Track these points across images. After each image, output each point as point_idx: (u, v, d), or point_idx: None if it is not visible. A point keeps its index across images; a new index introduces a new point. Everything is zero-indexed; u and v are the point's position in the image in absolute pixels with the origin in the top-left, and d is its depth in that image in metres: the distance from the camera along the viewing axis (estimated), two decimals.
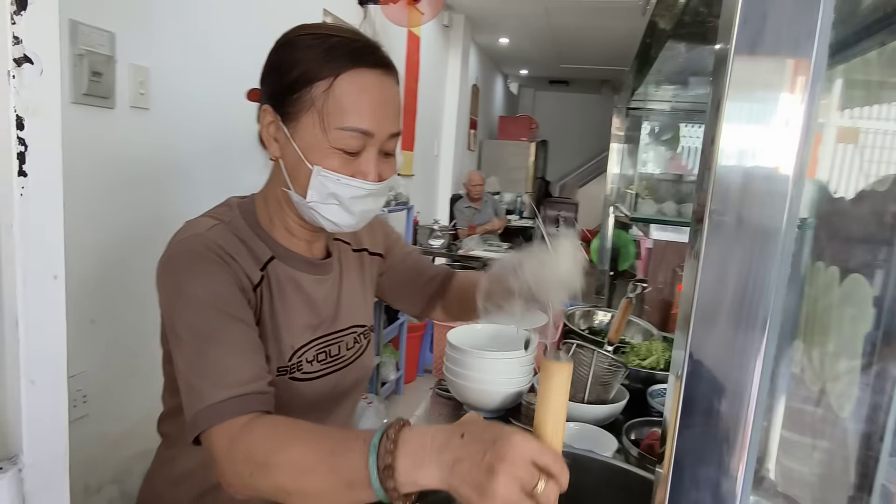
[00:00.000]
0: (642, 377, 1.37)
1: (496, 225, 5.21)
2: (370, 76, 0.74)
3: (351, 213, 0.77)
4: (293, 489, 0.58)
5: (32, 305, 0.36)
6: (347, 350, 0.91)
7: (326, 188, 0.74)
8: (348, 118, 0.72)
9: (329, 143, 0.72)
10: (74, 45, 1.57)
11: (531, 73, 8.72)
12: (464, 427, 0.55)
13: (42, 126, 0.35)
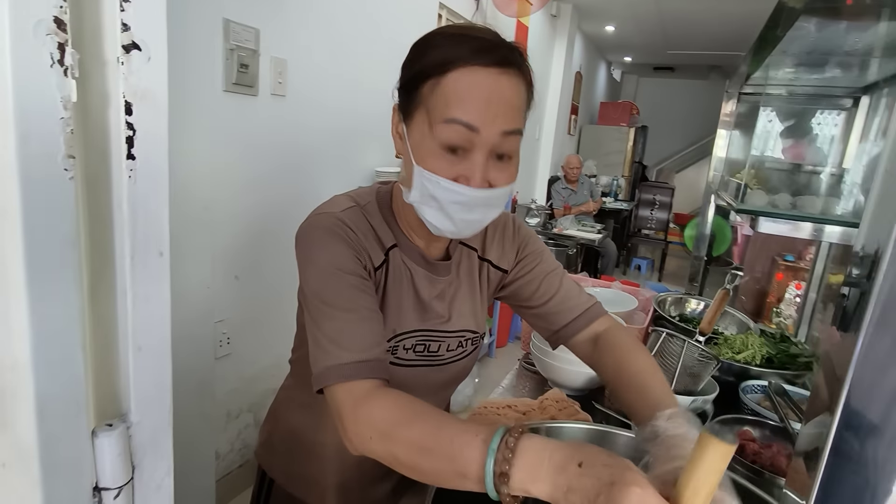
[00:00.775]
0: (735, 371, 1.21)
1: (591, 207, 4.95)
2: (484, 74, 0.62)
3: (451, 220, 0.67)
4: (408, 464, 0.57)
5: (139, 279, 0.35)
6: (448, 351, 0.82)
7: (427, 190, 0.65)
8: (452, 110, 0.62)
9: (434, 139, 0.63)
10: (227, 41, 1.65)
11: (635, 60, 8.08)
12: (583, 454, 0.49)
13: (149, 111, 0.33)
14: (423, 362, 0.81)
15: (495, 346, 3.63)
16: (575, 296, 0.84)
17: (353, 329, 0.65)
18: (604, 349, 0.79)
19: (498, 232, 0.85)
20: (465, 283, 0.83)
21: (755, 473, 0.85)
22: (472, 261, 0.84)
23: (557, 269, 0.87)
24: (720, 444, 0.43)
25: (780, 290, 3.69)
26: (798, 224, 0.86)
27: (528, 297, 0.85)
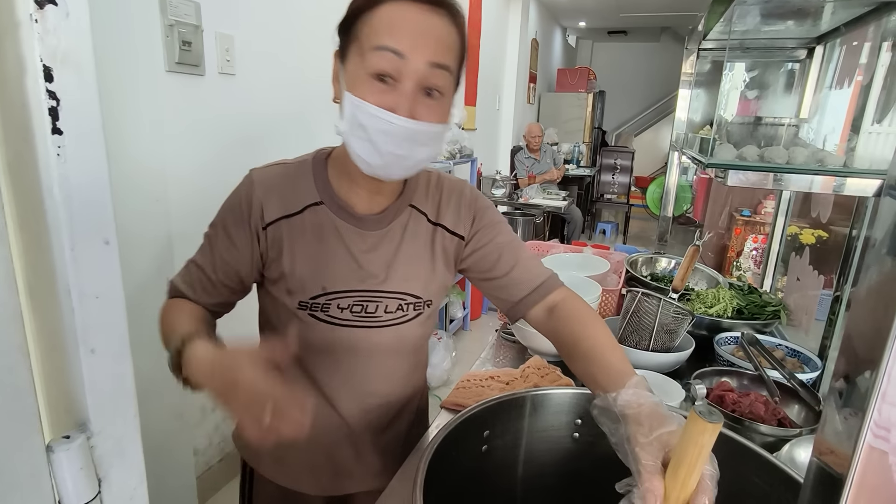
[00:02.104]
0: (708, 325, 1.24)
1: (554, 174, 4.98)
2: (415, 8, 0.64)
3: (378, 152, 0.66)
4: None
5: (84, 273, 0.31)
6: (387, 313, 0.80)
7: (356, 118, 0.65)
8: (381, 38, 0.63)
9: (364, 68, 0.64)
10: (164, 16, 1.53)
11: (589, 25, 8.07)
12: (216, 364, 0.61)
13: (73, 77, 0.28)
14: (361, 323, 0.79)
15: (469, 318, 3.65)
16: (533, 267, 0.84)
17: (197, 269, 0.79)
18: (560, 319, 0.79)
19: (454, 197, 0.84)
20: (409, 245, 0.81)
21: (735, 421, 0.87)
22: (420, 224, 0.82)
23: (515, 241, 0.86)
24: (708, 424, 0.47)
25: (739, 244, 3.83)
26: (766, 175, 0.86)
27: (489, 268, 0.84)
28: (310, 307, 0.78)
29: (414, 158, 0.68)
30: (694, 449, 0.50)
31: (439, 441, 0.68)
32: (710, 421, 0.48)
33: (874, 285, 0.31)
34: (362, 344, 0.81)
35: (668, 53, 8.32)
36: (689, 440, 0.50)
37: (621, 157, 6.48)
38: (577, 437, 0.83)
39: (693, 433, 0.49)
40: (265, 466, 0.90)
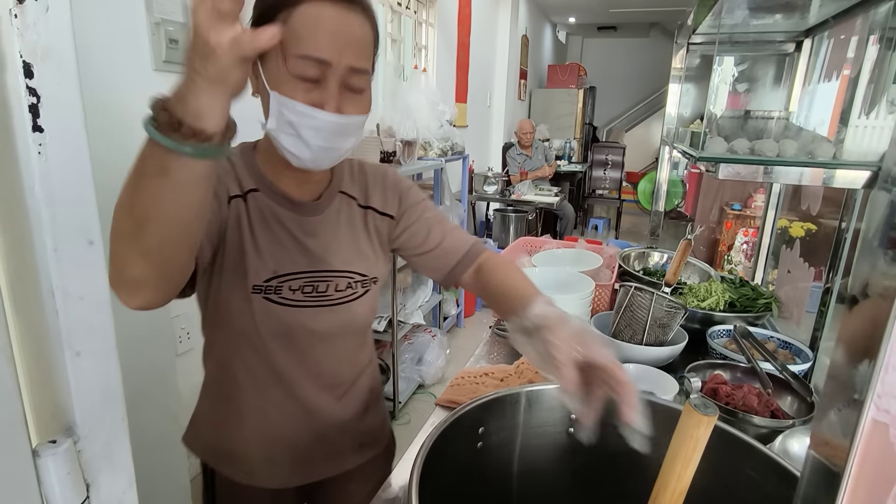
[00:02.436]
0: (701, 318, 1.24)
1: (546, 171, 4.99)
2: (329, 9, 0.66)
3: (307, 146, 0.69)
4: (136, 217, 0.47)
5: (68, 274, 0.30)
6: (337, 291, 0.84)
7: (284, 116, 0.67)
8: (304, 46, 0.65)
9: (287, 70, 0.66)
10: (150, 14, 1.51)
11: (579, 21, 8.07)
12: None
13: (54, 72, 0.28)
14: (314, 303, 0.82)
15: (463, 315, 3.65)
16: (459, 236, 0.91)
17: None
18: (487, 273, 0.88)
19: (378, 180, 0.89)
20: (346, 229, 0.85)
21: (729, 414, 0.88)
22: (352, 208, 0.86)
23: (440, 214, 0.93)
24: (703, 417, 0.48)
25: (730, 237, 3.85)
26: (757, 168, 0.86)
27: (420, 243, 0.90)
28: (263, 290, 0.78)
29: (341, 150, 0.72)
30: (690, 442, 0.50)
31: (434, 438, 0.68)
32: (704, 414, 0.48)
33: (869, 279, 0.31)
34: (317, 324, 0.82)
35: (658, 49, 8.35)
36: (685, 433, 0.50)
37: (612, 153, 6.50)
38: (572, 433, 0.83)
39: (688, 426, 0.50)
40: (224, 465, 0.89)
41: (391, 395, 2.49)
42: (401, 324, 2.59)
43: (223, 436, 0.88)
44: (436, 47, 3.81)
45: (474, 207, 4.68)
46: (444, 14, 3.82)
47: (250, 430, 0.86)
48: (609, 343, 0.59)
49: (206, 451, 0.91)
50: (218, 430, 0.88)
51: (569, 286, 1.23)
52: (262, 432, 0.86)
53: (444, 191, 3.08)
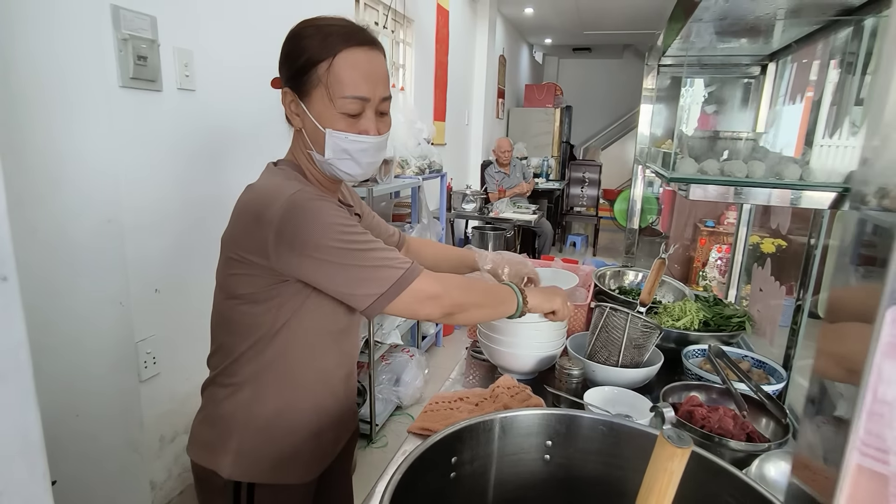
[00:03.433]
0: (676, 338, 1.24)
1: (524, 188, 5.02)
2: (360, 53, 0.84)
3: (360, 165, 0.88)
4: (479, 303, 0.93)
5: None
6: None
7: (339, 146, 0.86)
8: (347, 88, 0.83)
9: (336, 110, 0.84)
10: (117, 30, 1.48)
11: (555, 42, 8.25)
12: (549, 289, 1.06)
13: None
14: None
15: (442, 335, 3.61)
16: (390, 228, 1.18)
17: (389, 250, 0.85)
18: (417, 249, 1.22)
19: (347, 188, 1.08)
20: None
21: (704, 438, 0.86)
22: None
23: (378, 217, 1.17)
24: (677, 449, 0.47)
25: (705, 254, 3.92)
26: (727, 189, 0.87)
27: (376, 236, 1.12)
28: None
29: (379, 161, 0.92)
30: (664, 476, 0.48)
31: (404, 470, 0.65)
32: (679, 446, 0.47)
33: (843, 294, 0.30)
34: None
35: (631, 69, 8.57)
36: (658, 466, 0.48)
37: (589, 171, 6.60)
38: (548, 459, 0.81)
39: (662, 459, 0.48)
40: (265, 473, 0.92)
41: (367, 418, 2.43)
42: (378, 344, 2.54)
43: (280, 445, 0.92)
44: (414, 66, 3.83)
45: (453, 225, 4.68)
46: (421, 34, 3.86)
47: (307, 425, 0.94)
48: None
49: (255, 467, 0.91)
50: (276, 442, 0.92)
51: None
52: (315, 425, 0.95)
53: (422, 209, 3.07)
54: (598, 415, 0.82)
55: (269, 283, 0.84)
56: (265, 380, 0.90)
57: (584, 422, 0.80)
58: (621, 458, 0.78)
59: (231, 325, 0.90)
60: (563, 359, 1.11)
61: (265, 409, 0.91)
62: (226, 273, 0.88)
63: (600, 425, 0.80)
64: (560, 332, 1.15)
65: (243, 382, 0.91)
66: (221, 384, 0.92)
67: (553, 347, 1.14)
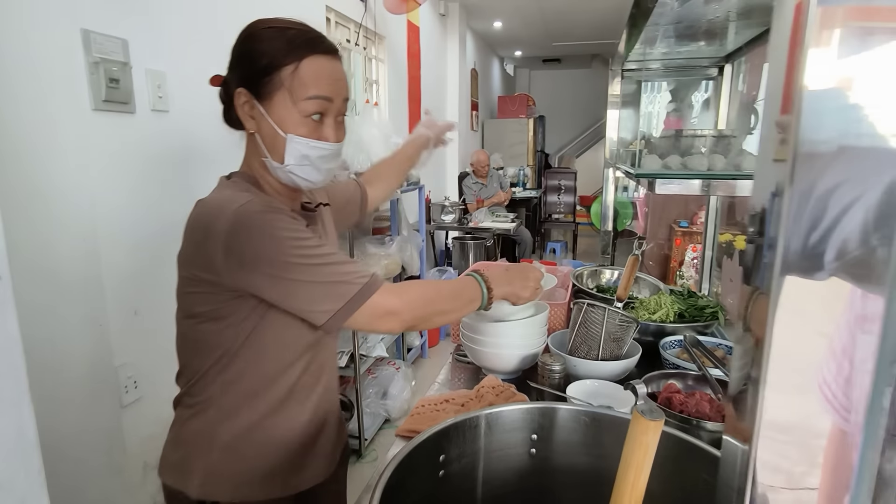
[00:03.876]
0: (653, 331, 1.28)
1: (502, 197, 5.09)
2: (324, 59, 0.83)
3: (319, 171, 0.86)
4: (445, 310, 0.90)
5: None
6: None
7: (300, 151, 0.83)
8: (312, 89, 0.81)
9: (299, 112, 0.81)
10: (89, 54, 1.48)
11: (525, 54, 8.42)
12: (505, 265, 1.04)
13: None
14: None
15: (427, 346, 3.62)
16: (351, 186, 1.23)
17: (346, 264, 0.82)
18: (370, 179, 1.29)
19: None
20: (327, 226, 1.03)
21: (683, 422, 0.89)
22: (326, 211, 1.05)
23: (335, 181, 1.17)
24: (650, 422, 0.50)
25: (681, 254, 4.01)
26: (689, 182, 0.91)
27: (343, 208, 1.16)
28: None
29: (335, 168, 0.90)
30: (640, 449, 0.50)
31: (392, 470, 0.66)
32: (651, 419, 0.49)
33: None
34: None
35: (600, 78, 8.77)
36: (634, 440, 0.51)
37: (565, 178, 6.71)
38: (534, 453, 0.83)
39: (637, 433, 0.50)
40: (235, 492, 0.89)
41: (356, 433, 2.42)
42: (363, 357, 2.53)
43: (251, 461, 0.89)
44: (387, 82, 3.87)
45: (433, 237, 4.70)
46: (393, 50, 3.91)
47: (280, 442, 0.91)
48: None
49: (223, 486, 0.88)
50: (247, 461, 0.89)
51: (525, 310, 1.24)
52: (290, 441, 0.92)
53: (402, 221, 3.09)
54: (579, 406, 0.85)
55: (225, 299, 0.82)
56: (230, 398, 0.88)
57: (567, 414, 0.82)
58: (605, 447, 0.80)
59: (192, 343, 0.88)
60: (544, 355, 1.13)
61: (232, 427, 0.88)
62: (182, 292, 0.87)
63: (583, 416, 0.82)
64: (541, 330, 1.18)
65: (207, 401, 0.88)
66: (187, 404, 0.91)
67: (535, 345, 1.16)
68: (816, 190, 0.26)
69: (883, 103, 0.24)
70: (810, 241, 0.27)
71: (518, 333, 1.14)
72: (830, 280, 0.28)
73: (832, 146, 0.25)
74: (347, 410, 2.30)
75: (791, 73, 0.26)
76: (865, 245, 0.27)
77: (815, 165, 0.25)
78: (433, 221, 4.52)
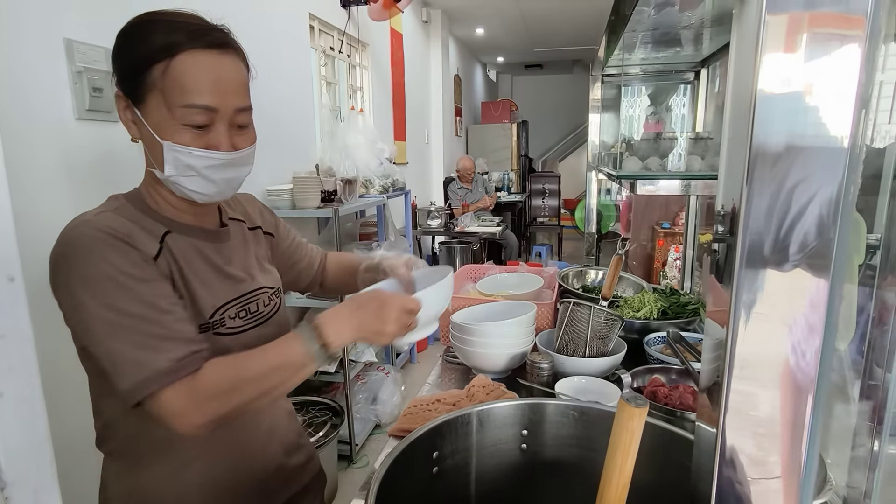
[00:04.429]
0: (637, 328, 1.31)
1: (487, 202, 5.13)
2: (205, 56, 0.70)
3: (213, 182, 0.74)
4: (259, 394, 0.70)
5: None
6: (265, 307, 0.88)
7: (182, 161, 0.71)
8: (189, 96, 0.69)
9: (176, 120, 0.69)
10: (72, 63, 1.47)
11: (507, 60, 8.51)
12: (356, 301, 0.76)
13: None
14: (253, 323, 0.85)
15: (416, 350, 3.62)
16: (314, 250, 1.09)
17: (170, 325, 0.67)
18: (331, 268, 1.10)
19: (253, 204, 0.98)
20: (248, 249, 0.90)
21: (668, 413, 0.92)
22: (244, 231, 0.91)
23: (298, 236, 1.07)
24: (635, 409, 0.53)
25: (663, 254, 4.08)
26: (669, 183, 0.94)
27: (294, 259, 1.03)
28: (211, 327, 0.78)
29: (241, 178, 0.79)
30: (626, 434, 0.53)
31: (386, 468, 0.68)
32: (636, 406, 0.52)
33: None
34: (261, 340, 0.80)
35: (581, 83, 8.90)
36: (620, 427, 0.53)
37: (549, 182, 6.78)
38: (525, 449, 0.84)
39: (623, 419, 0.53)
40: None
41: (347, 439, 2.41)
42: (352, 363, 2.54)
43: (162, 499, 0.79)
44: (371, 88, 3.89)
45: (419, 242, 4.72)
46: (376, 57, 3.93)
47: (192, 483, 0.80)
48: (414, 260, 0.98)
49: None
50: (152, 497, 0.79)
51: (513, 311, 1.27)
52: (205, 482, 0.81)
53: (388, 226, 3.10)
54: (568, 401, 0.87)
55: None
56: (139, 447, 0.77)
57: (556, 409, 0.84)
58: (593, 441, 0.83)
59: (91, 382, 0.76)
60: (533, 354, 1.16)
61: (143, 483, 0.78)
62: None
63: (571, 410, 0.84)
64: (529, 329, 1.20)
65: (115, 451, 0.79)
66: (100, 451, 0.81)
67: (523, 344, 1.19)
68: (772, 188, 0.28)
69: (832, 105, 0.27)
70: (770, 237, 0.29)
71: (507, 333, 1.17)
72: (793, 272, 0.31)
73: (786, 147, 0.28)
74: (338, 416, 2.30)
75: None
76: (822, 237, 0.29)
77: (771, 165, 0.28)
78: (420, 226, 4.53)
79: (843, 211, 0.27)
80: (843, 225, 0.27)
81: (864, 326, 0.67)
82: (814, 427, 0.29)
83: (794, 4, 0.26)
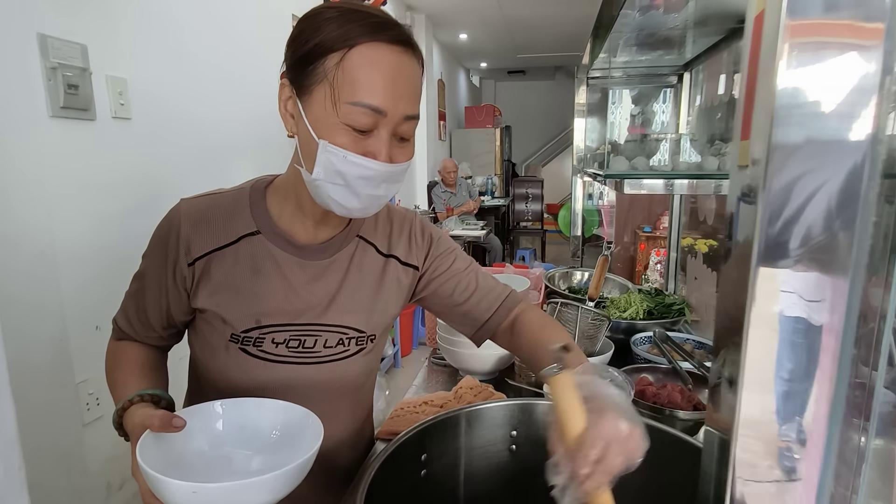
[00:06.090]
0: (624, 328, 1.31)
1: (471, 206, 5.15)
2: (386, 51, 0.62)
3: (357, 196, 0.66)
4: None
5: None
6: (326, 348, 0.77)
7: (333, 165, 0.63)
8: (359, 93, 0.61)
9: (339, 118, 0.62)
10: (45, 59, 1.43)
11: (490, 66, 8.57)
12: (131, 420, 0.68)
13: None
14: (298, 360, 0.76)
15: (400, 355, 3.59)
16: (493, 288, 0.85)
17: (134, 307, 0.79)
18: (519, 332, 0.82)
19: (406, 228, 0.84)
20: (356, 277, 0.79)
21: (657, 412, 0.92)
22: (369, 255, 0.80)
23: (472, 265, 0.87)
24: (556, 376, 0.58)
25: (645, 258, 4.13)
26: (656, 182, 0.95)
27: (449, 294, 0.84)
28: (241, 341, 0.73)
29: (388, 195, 0.69)
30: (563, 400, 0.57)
31: (374, 470, 0.66)
32: (557, 373, 0.58)
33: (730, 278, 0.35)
34: (299, 382, 0.76)
35: (564, 89, 9.00)
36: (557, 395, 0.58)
37: (532, 187, 6.83)
38: (514, 450, 0.84)
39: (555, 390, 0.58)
40: None
41: None
42: None
43: None
44: None
45: None
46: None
47: None
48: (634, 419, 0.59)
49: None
50: None
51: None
52: None
53: None
54: None
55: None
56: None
57: (546, 409, 0.83)
58: None
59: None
60: None
61: None
62: None
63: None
64: None
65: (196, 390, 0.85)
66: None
67: None
68: (786, 184, 0.28)
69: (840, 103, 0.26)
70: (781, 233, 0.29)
71: None
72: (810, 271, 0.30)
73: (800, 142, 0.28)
74: None
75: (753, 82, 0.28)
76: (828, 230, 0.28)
77: (785, 162, 0.28)
78: None
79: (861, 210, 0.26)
80: (862, 225, 0.26)
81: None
82: (831, 432, 0.28)
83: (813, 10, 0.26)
